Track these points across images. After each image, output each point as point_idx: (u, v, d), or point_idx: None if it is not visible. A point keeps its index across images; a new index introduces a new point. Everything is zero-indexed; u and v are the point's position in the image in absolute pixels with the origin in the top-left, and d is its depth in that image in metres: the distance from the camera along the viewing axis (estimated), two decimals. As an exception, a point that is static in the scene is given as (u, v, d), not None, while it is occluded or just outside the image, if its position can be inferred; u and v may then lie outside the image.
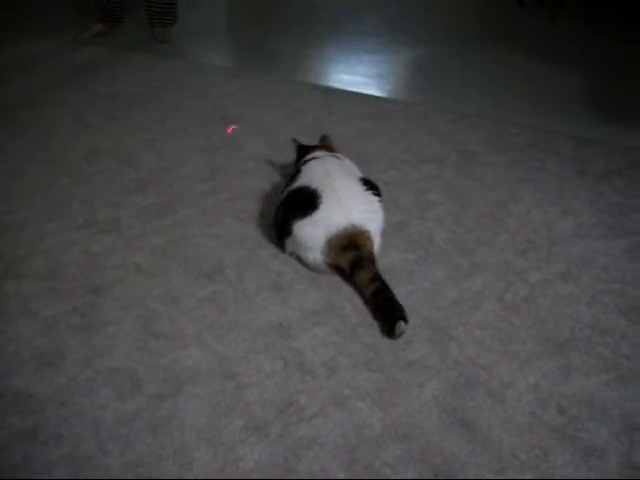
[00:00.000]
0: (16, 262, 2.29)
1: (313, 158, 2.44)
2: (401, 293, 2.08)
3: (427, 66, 4.52)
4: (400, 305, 1.98)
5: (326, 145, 2.67)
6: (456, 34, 5.29)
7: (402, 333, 1.93)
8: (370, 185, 2.30)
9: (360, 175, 2.42)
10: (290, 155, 2.71)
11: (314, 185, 2.21)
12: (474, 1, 6.41)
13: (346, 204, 2.16)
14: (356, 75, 4.25)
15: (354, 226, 2.13)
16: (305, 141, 2.69)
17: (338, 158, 2.50)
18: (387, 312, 1.98)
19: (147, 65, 4.35)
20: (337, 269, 2.17)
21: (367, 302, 2.07)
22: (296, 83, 4.05)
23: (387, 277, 2.08)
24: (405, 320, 1.93)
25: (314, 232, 2.14)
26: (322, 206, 2.14)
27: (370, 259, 2.12)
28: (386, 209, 2.32)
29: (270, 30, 5.43)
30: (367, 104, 3.70)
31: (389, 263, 2.23)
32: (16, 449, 1.60)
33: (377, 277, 2.06)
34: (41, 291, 2.14)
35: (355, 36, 5.13)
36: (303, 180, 2.28)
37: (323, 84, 4.06)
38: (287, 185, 2.38)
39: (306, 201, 2.19)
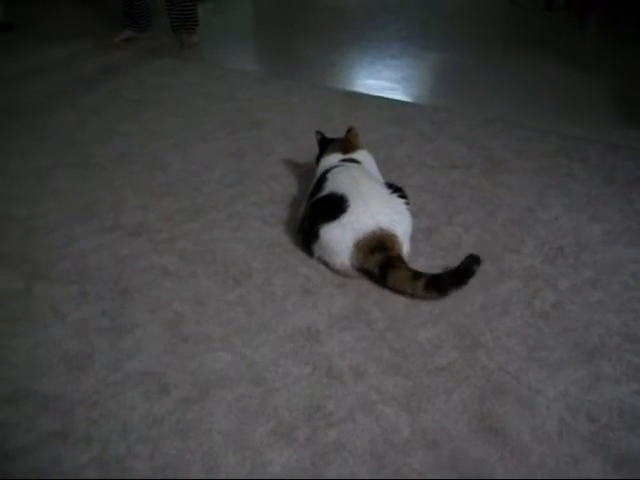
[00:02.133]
0: (45, 265, 2.31)
1: (337, 166, 2.43)
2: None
3: (452, 71, 4.51)
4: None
5: (349, 139, 2.65)
6: (481, 39, 5.27)
7: None
8: (395, 188, 2.30)
9: (380, 176, 2.46)
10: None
11: (341, 190, 2.21)
12: (500, 6, 6.38)
13: (373, 207, 2.16)
14: (382, 80, 4.24)
15: (382, 229, 2.13)
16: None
17: (359, 162, 2.50)
18: (461, 270, 2.07)
19: (172, 70, 4.39)
20: (365, 272, 2.17)
21: (420, 296, 2.07)
22: (322, 88, 4.06)
23: (415, 283, 2.08)
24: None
25: (342, 235, 2.14)
26: (349, 210, 2.15)
27: (400, 259, 2.12)
28: (414, 214, 2.32)
29: (294, 35, 5.45)
30: (393, 109, 3.70)
31: (418, 269, 2.22)
32: (45, 451, 1.61)
33: (419, 273, 2.07)
34: (70, 294, 2.16)
35: (380, 42, 5.13)
36: (330, 187, 2.28)
37: (349, 89, 4.06)
38: (312, 192, 2.39)
39: (333, 205, 2.19)
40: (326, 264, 2.25)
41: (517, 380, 1.81)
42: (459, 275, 2.05)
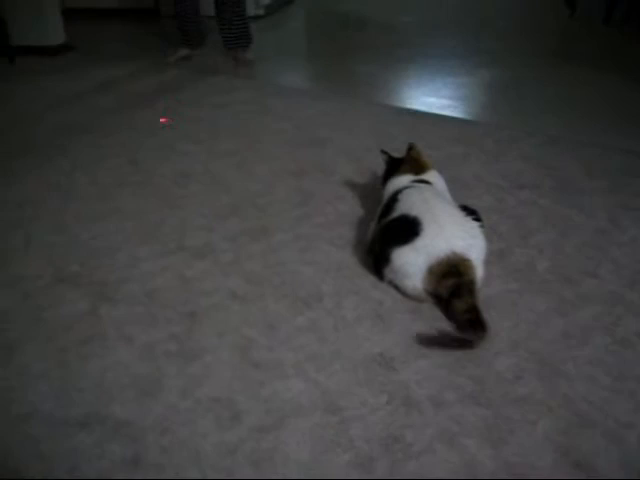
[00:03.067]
0: (110, 286, 2.28)
1: (408, 187, 2.37)
2: (505, 325, 2.02)
3: (511, 88, 4.44)
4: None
5: (415, 157, 2.60)
6: (539, 54, 5.21)
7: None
8: (469, 211, 2.24)
9: (450, 198, 2.40)
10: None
11: (413, 212, 2.16)
12: (557, 20, 6.30)
13: (448, 231, 2.10)
14: (442, 98, 4.19)
15: (455, 253, 2.06)
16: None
17: (429, 183, 2.44)
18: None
19: (229, 88, 4.39)
20: (436, 297, 2.11)
21: (461, 327, 1.98)
22: (381, 105, 4.02)
23: (489, 307, 2.02)
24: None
25: (415, 259, 2.08)
26: (423, 233, 2.09)
27: (470, 288, 2.04)
28: (485, 236, 2.25)
29: (349, 52, 5.43)
30: (455, 127, 3.65)
31: (491, 293, 2.16)
32: (118, 478, 1.57)
33: (474, 309, 1.97)
34: (136, 316, 2.12)
35: (436, 58, 5.09)
36: (401, 209, 2.22)
37: (409, 107, 4.00)
38: (382, 214, 2.33)
39: (406, 228, 2.14)
40: (397, 288, 2.19)
41: (603, 412, 1.73)
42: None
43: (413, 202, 2.22)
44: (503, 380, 1.83)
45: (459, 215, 2.20)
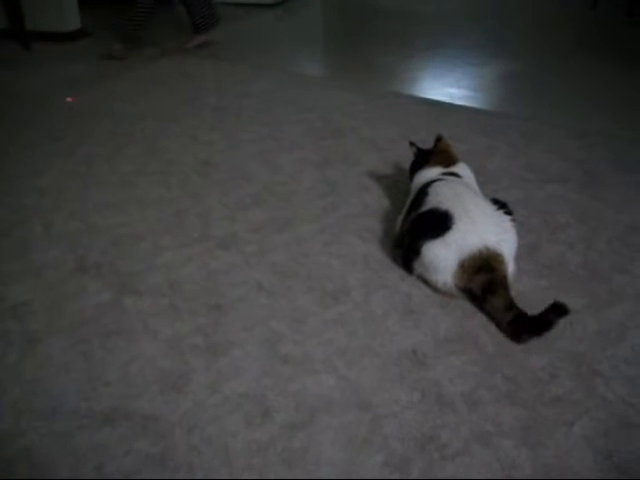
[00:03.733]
0: (134, 277, 2.24)
1: (438, 179, 2.32)
2: (537, 322, 1.96)
3: (535, 80, 4.36)
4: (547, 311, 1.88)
5: (442, 150, 2.55)
6: (562, 46, 5.14)
7: None
8: (500, 204, 2.19)
9: (479, 191, 2.35)
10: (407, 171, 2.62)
11: (445, 206, 2.10)
12: (579, 13, 6.22)
13: (480, 225, 2.04)
14: (463, 88, 4.14)
15: (488, 248, 2.01)
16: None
17: (459, 175, 2.39)
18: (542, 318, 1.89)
19: (250, 77, 4.35)
20: (468, 292, 2.06)
21: (503, 329, 1.95)
22: (404, 96, 3.97)
23: (520, 304, 1.96)
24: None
25: (446, 254, 2.03)
26: (455, 227, 2.04)
27: (503, 284, 1.99)
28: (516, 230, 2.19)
29: (370, 42, 5.38)
30: (480, 119, 3.58)
31: (521, 288, 2.11)
32: (145, 475, 1.53)
33: (512, 304, 1.94)
34: (161, 308, 2.08)
35: (457, 49, 5.03)
36: (432, 202, 2.17)
37: (432, 97, 3.95)
38: (411, 206, 2.29)
39: (437, 222, 2.08)
40: (426, 282, 2.14)
41: (643, 414, 1.68)
42: (537, 325, 1.90)
43: (444, 195, 2.17)
44: (538, 380, 1.78)
45: (491, 209, 2.15)
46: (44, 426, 1.66)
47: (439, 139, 2.59)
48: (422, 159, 2.52)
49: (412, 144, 2.61)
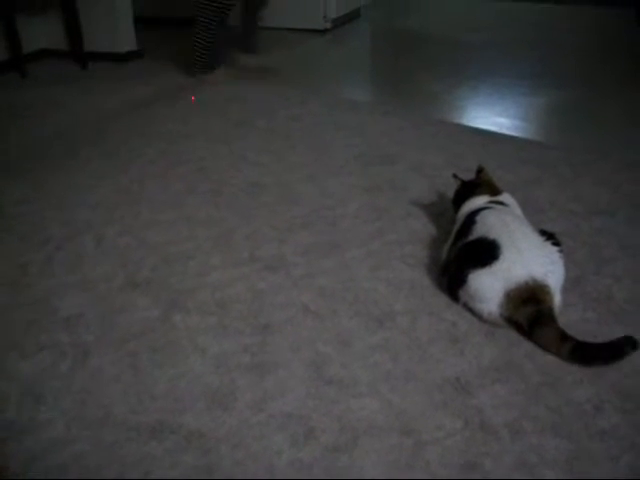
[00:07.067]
0: (183, 294, 2.28)
1: (485, 208, 2.34)
2: (584, 354, 1.96)
3: (585, 110, 4.34)
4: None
5: (486, 180, 2.56)
6: (612, 74, 5.10)
7: None
8: (548, 235, 2.19)
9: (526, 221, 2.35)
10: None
11: (492, 235, 2.11)
12: (630, 41, 6.18)
13: (527, 255, 2.05)
14: (513, 118, 4.14)
15: (534, 279, 2.01)
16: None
17: (505, 204, 2.40)
18: (612, 347, 1.92)
19: (301, 100, 4.39)
20: (514, 324, 2.06)
21: (565, 359, 1.95)
22: (451, 124, 3.98)
23: (566, 337, 1.96)
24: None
25: (492, 283, 2.04)
26: (502, 257, 2.04)
27: (550, 315, 2.00)
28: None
29: (417, 68, 5.40)
30: (528, 149, 3.58)
31: (567, 321, 2.09)
32: (191, 490, 1.56)
33: (566, 335, 1.94)
34: (209, 326, 2.12)
35: (507, 78, 5.03)
36: (479, 231, 2.18)
37: (479, 126, 3.96)
38: (458, 235, 2.30)
39: (483, 251, 2.10)
40: (472, 311, 2.15)
41: (691, 451, 1.67)
42: (609, 352, 1.92)
43: (492, 224, 2.18)
44: (583, 412, 1.78)
45: (538, 239, 2.15)
46: (94, 435, 1.70)
47: (480, 170, 2.61)
48: (466, 190, 2.54)
49: (455, 176, 2.63)
